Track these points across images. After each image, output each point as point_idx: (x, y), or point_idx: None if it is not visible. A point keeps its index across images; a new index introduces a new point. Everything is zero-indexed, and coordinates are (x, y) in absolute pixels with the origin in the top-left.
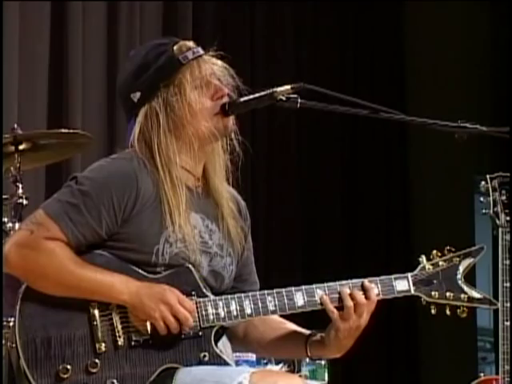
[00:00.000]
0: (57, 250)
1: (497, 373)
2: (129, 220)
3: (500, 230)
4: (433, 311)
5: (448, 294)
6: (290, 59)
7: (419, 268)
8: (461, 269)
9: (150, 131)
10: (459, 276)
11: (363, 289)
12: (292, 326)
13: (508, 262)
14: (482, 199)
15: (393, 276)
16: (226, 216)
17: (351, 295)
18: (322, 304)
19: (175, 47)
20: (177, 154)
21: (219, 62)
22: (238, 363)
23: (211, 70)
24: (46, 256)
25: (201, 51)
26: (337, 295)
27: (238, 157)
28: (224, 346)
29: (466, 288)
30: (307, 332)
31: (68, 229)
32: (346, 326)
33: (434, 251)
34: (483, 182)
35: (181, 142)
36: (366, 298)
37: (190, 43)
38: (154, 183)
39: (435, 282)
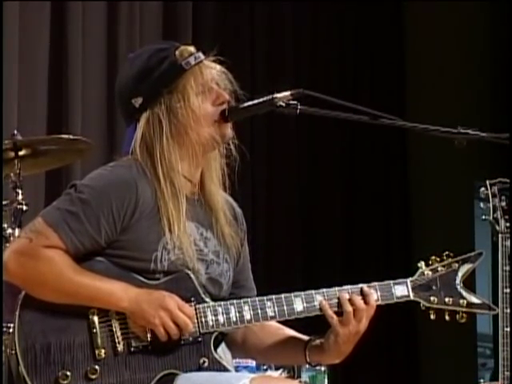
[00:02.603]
0: (56, 257)
1: (496, 379)
2: (128, 228)
3: (500, 236)
4: (432, 316)
5: (447, 299)
6: (290, 59)
7: (418, 273)
8: (460, 274)
9: (153, 138)
10: (458, 281)
11: (362, 294)
12: (290, 332)
13: (508, 268)
14: (481, 205)
15: (392, 281)
16: (222, 222)
17: (350, 300)
18: (321, 309)
19: (177, 52)
20: (179, 161)
21: (218, 67)
22: (237, 369)
23: (211, 75)
24: (45, 264)
25: (202, 56)
26: (336, 301)
27: (235, 161)
28: (224, 352)
29: (464, 293)
30: (306, 338)
31: (67, 237)
32: (346, 331)
33: (433, 256)
34: (483, 188)
35: (184, 149)
36: (365, 303)
37: (191, 48)
38: (153, 191)
39: (434, 287)
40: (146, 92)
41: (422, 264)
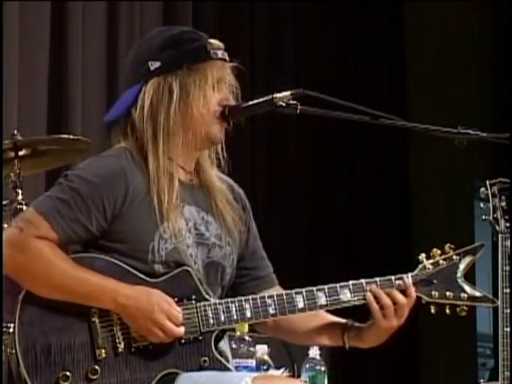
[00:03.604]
0: (45, 249)
1: (495, 379)
2: (120, 217)
3: (500, 236)
4: (432, 310)
5: (448, 293)
6: (290, 59)
7: (419, 268)
8: (461, 267)
9: (160, 104)
10: (459, 275)
11: (400, 288)
12: (326, 315)
13: (508, 268)
14: (481, 205)
15: (393, 276)
16: (222, 206)
17: (389, 295)
18: (321, 306)
19: (209, 40)
20: (181, 134)
21: (232, 77)
22: (237, 369)
23: (225, 80)
24: (35, 257)
25: (227, 57)
26: (363, 294)
27: (224, 166)
28: (225, 351)
29: (466, 287)
30: (343, 321)
31: (58, 224)
32: (387, 324)
33: (434, 249)
34: (483, 188)
35: (185, 131)
36: (406, 296)
37: (222, 45)
38: (146, 178)
39: (435, 281)
40: (167, 59)
41: (422, 257)
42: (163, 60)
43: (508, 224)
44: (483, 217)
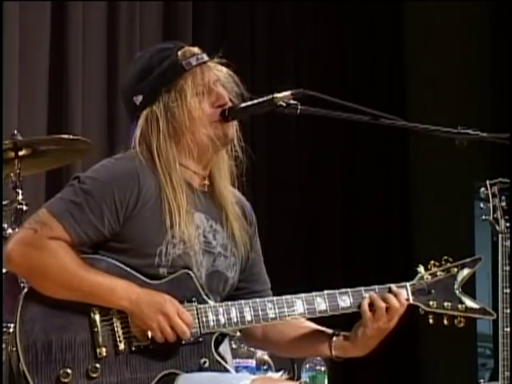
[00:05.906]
0: (60, 250)
1: (496, 379)
2: (131, 218)
3: (500, 236)
4: (430, 321)
5: (446, 303)
6: (290, 59)
7: (417, 278)
8: (458, 279)
9: (150, 135)
10: (457, 286)
11: (392, 293)
12: (313, 325)
13: (508, 268)
14: (481, 205)
15: (392, 285)
16: (231, 218)
17: (383, 298)
18: (321, 312)
19: (179, 52)
20: (177, 159)
21: (224, 69)
22: (237, 370)
23: (215, 77)
24: (50, 256)
25: (205, 58)
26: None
27: (242, 163)
28: (224, 353)
29: (463, 298)
30: (330, 331)
31: (70, 227)
32: (375, 325)
33: (432, 261)
34: (483, 188)
35: (180, 148)
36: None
37: (195, 49)
38: (156, 182)
39: (433, 291)
40: (146, 90)
41: (421, 268)
42: (143, 92)
43: (508, 224)
44: (483, 217)
